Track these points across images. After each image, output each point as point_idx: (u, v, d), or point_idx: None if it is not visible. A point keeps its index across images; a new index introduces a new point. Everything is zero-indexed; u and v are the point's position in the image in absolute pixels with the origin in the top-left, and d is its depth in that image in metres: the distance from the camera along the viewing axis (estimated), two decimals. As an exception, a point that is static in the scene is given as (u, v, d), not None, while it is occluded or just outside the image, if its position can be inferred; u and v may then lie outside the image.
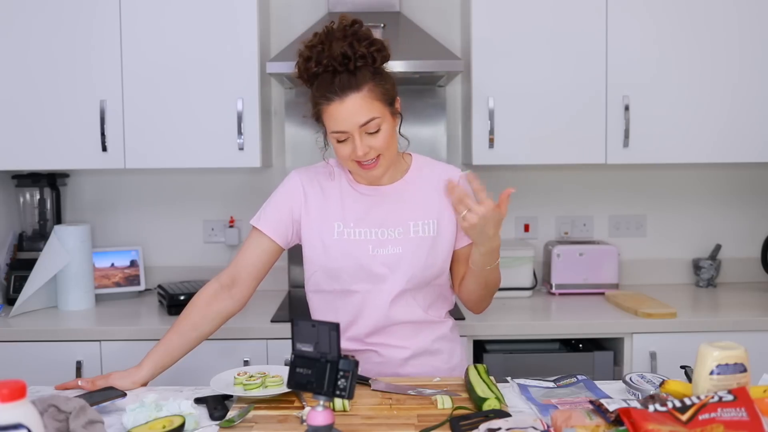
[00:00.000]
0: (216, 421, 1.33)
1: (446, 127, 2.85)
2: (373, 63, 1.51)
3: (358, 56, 1.48)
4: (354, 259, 1.60)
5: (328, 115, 1.51)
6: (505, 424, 1.16)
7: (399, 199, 1.65)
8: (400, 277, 1.61)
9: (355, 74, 1.49)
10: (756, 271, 2.88)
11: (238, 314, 1.74)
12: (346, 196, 1.65)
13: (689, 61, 2.54)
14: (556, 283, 2.72)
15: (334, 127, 1.52)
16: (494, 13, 2.52)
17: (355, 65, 1.48)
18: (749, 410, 1.08)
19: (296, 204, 1.65)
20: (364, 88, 1.49)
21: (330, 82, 1.49)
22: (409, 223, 1.63)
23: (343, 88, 1.48)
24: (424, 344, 1.66)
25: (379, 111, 1.51)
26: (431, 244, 1.63)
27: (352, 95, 1.48)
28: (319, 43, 1.50)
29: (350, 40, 1.48)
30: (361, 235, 1.61)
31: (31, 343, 2.26)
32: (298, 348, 1.20)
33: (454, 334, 1.74)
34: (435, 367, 1.66)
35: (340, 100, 1.49)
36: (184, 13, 2.48)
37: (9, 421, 0.88)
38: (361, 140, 1.51)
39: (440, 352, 1.68)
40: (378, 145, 1.53)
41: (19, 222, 2.78)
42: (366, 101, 1.49)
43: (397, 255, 1.61)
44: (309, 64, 1.51)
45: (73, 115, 2.48)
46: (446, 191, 1.61)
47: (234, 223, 2.86)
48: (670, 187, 2.93)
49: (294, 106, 2.84)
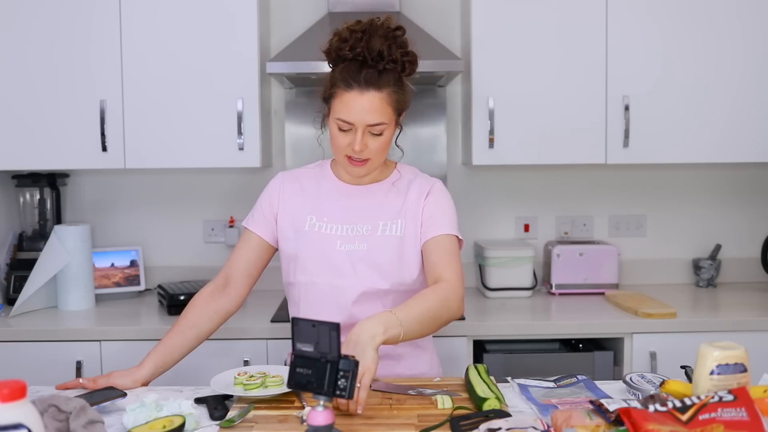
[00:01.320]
0: (216, 421, 1.33)
1: (446, 127, 2.85)
2: (401, 71, 1.56)
3: (391, 59, 1.53)
4: (321, 251, 1.63)
5: (342, 101, 1.54)
6: (506, 424, 1.16)
7: (374, 200, 1.67)
8: (364, 274, 1.61)
9: (381, 74, 1.53)
10: (756, 271, 2.89)
11: (237, 314, 1.74)
12: (324, 193, 1.69)
13: (689, 61, 2.54)
14: (556, 283, 2.72)
15: (342, 116, 1.54)
16: (494, 13, 2.52)
17: (385, 66, 1.52)
18: (749, 410, 1.08)
19: (274, 200, 1.71)
20: (385, 91, 1.53)
21: (356, 71, 1.52)
22: (379, 223, 1.65)
23: (368, 82, 1.52)
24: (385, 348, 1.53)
25: (388, 117, 1.55)
26: (398, 243, 1.63)
27: (372, 92, 1.52)
28: (360, 31, 1.53)
29: (389, 42, 1.53)
30: (331, 229, 1.64)
31: (31, 343, 2.26)
32: (298, 348, 1.20)
33: (425, 342, 1.71)
34: (396, 373, 1.64)
35: (360, 92, 1.52)
36: (184, 14, 2.48)
37: (9, 421, 0.88)
38: (363, 137, 1.54)
39: (402, 357, 1.66)
40: (375, 148, 1.57)
41: (19, 222, 2.78)
42: (382, 104, 1.53)
43: (362, 251, 1.62)
44: (343, 45, 1.54)
45: (73, 115, 2.48)
46: None
47: (234, 223, 2.86)
48: (670, 187, 2.93)
49: (294, 106, 2.84)
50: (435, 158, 2.83)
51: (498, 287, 2.66)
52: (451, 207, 1.69)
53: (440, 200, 1.67)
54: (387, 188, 1.69)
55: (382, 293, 1.62)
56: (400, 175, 1.71)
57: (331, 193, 1.69)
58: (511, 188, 2.91)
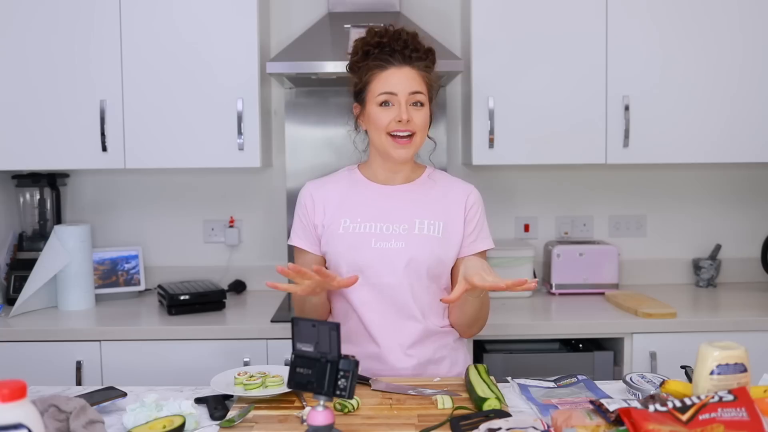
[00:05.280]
0: (216, 421, 1.34)
1: (446, 127, 2.85)
2: (425, 58, 1.66)
3: (416, 48, 1.64)
4: (355, 250, 1.63)
5: (380, 79, 1.62)
6: (506, 424, 1.16)
7: (407, 198, 1.69)
8: (401, 272, 1.62)
9: (411, 57, 1.63)
10: (756, 271, 2.88)
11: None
12: (356, 196, 1.69)
13: (689, 61, 2.53)
14: (556, 283, 2.72)
15: (384, 89, 1.61)
16: (494, 13, 2.52)
17: (411, 54, 1.63)
18: (749, 410, 1.08)
19: (309, 211, 1.71)
20: (417, 69, 1.64)
21: (389, 55, 1.62)
22: (415, 221, 1.65)
23: (401, 60, 1.62)
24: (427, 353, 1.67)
25: (425, 91, 1.63)
26: (437, 244, 1.65)
27: (408, 67, 1.63)
28: (383, 30, 1.64)
29: (413, 38, 1.64)
30: (366, 228, 1.65)
31: (31, 343, 2.25)
32: (298, 348, 1.20)
33: (461, 343, 1.76)
34: (439, 375, 1.67)
35: (397, 67, 1.62)
36: (184, 13, 2.48)
37: (9, 421, 0.88)
38: (407, 107, 1.60)
39: (443, 359, 1.69)
40: (418, 121, 1.62)
41: (19, 222, 2.78)
42: (418, 77, 1.63)
43: (398, 249, 1.62)
44: (370, 40, 1.63)
45: (73, 115, 2.48)
46: None
47: (234, 223, 2.86)
48: (670, 187, 2.93)
49: (294, 106, 2.84)
50: (435, 158, 2.82)
51: (498, 287, 2.66)
52: (485, 215, 1.77)
53: (482, 212, 1.74)
54: (420, 188, 1.72)
55: (417, 290, 1.64)
56: (430, 175, 1.75)
57: (364, 194, 1.70)
58: (511, 188, 2.91)
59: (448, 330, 1.71)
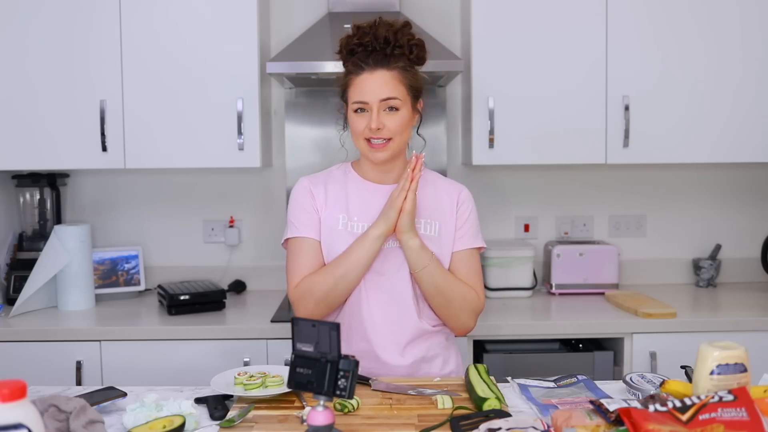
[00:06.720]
0: (216, 421, 1.34)
1: (446, 127, 2.85)
2: (409, 53, 1.60)
3: (398, 44, 1.59)
4: None
5: (355, 85, 1.60)
6: (506, 424, 1.16)
7: None
8: (397, 271, 1.63)
9: (389, 57, 1.59)
10: (756, 271, 2.88)
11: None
12: (351, 193, 1.69)
13: (689, 61, 2.53)
14: (556, 283, 2.72)
15: (357, 97, 1.60)
16: (494, 13, 2.52)
17: (393, 51, 1.58)
18: (749, 410, 1.08)
19: (312, 200, 1.69)
20: (394, 70, 1.59)
21: (365, 57, 1.60)
22: None
23: (376, 63, 1.59)
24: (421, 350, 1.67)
25: (401, 94, 1.60)
26: (434, 244, 1.65)
27: (382, 71, 1.59)
28: (367, 26, 1.60)
29: (396, 29, 1.60)
30: (362, 228, 1.64)
31: (31, 343, 2.25)
32: (298, 348, 1.20)
33: (453, 342, 1.77)
34: (432, 374, 1.68)
35: (370, 72, 1.59)
36: (184, 13, 2.48)
37: (9, 421, 0.88)
38: (378, 115, 1.58)
39: (436, 357, 1.70)
40: (392, 126, 1.59)
41: (19, 222, 2.78)
42: (392, 80, 1.59)
43: (397, 249, 1.63)
44: (352, 39, 1.60)
45: (73, 115, 2.48)
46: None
47: (234, 223, 2.86)
48: (670, 187, 2.93)
49: (294, 106, 2.84)
50: (435, 158, 2.83)
51: (498, 287, 2.66)
52: (477, 215, 1.75)
53: (472, 210, 1.72)
54: None
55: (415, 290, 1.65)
56: (423, 176, 1.71)
57: (358, 193, 1.69)
58: (511, 188, 2.91)
59: (441, 329, 1.71)
